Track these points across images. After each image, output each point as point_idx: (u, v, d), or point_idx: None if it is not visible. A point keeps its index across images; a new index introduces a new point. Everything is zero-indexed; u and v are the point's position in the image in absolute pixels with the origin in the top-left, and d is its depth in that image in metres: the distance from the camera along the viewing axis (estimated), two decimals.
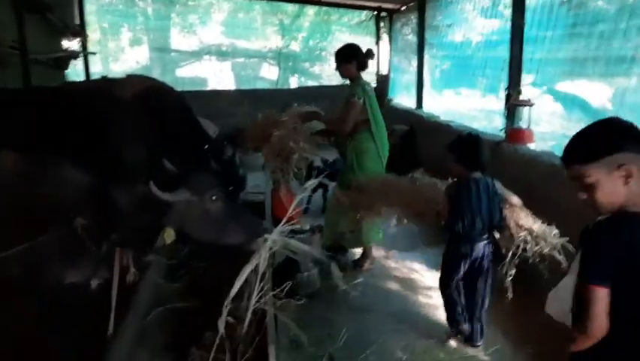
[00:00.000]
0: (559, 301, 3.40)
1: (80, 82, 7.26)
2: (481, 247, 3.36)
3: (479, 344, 3.50)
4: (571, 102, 5.03)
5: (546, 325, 3.24)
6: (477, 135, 3.46)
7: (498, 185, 3.48)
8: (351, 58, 4.55)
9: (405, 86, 9.79)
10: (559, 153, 4.41)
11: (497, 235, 3.45)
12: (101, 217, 2.60)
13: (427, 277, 4.55)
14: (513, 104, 4.98)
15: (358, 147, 4.58)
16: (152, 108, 2.79)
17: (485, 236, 3.36)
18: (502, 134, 5.17)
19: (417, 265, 4.77)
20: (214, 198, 2.67)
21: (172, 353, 3.06)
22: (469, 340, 3.51)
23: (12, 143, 2.64)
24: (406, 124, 8.24)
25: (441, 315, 3.87)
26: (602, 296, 1.73)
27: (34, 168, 2.61)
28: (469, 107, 7.07)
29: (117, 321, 3.09)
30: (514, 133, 4.94)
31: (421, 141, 7.77)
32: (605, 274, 1.73)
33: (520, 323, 3.69)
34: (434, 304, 4.04)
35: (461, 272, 3.41)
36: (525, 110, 4.93)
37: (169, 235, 2.53)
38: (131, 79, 3.28)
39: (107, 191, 2.53)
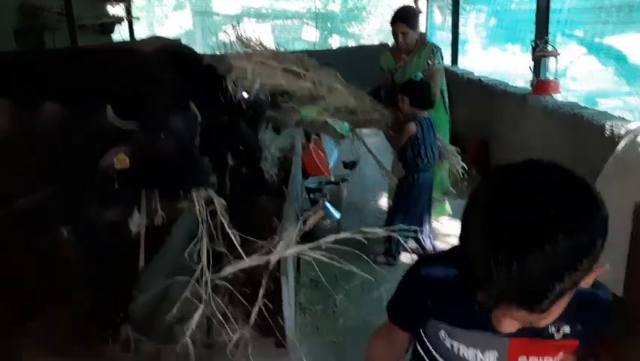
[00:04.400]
0: None
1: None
2: (431, 175, 4.07)
3: None
4: (607, 55, 4.96)
5: None
6: (425, 80, 4.10)
7: None
8: (416, 23, 4.42)
9: (447, 44, 9.68)
10: (587, 103, 4.43)
11: None
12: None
13: (447, 225, 4.70)
14: (539, 56, 4.94)
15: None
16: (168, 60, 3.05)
17: (430, 167, 4.05)
18: (529, 87, 5.16)
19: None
20: (163, 136, 2.76)
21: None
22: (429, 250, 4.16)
23: (51, 95, 2.96)
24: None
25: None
26: None
27: (72, 116, 2.93)
28: (515, 63, 6.94)
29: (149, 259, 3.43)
30: (540, 85, 4.92)
31: (455, 97, 7.76)
32: None
33: None
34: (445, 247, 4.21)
35: (423, 201, 4.02)
36: (551, 60, 4.89)
37: (120, 161, 2.66)
38: (150, 38, 3.57)
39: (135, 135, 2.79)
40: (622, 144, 3.32)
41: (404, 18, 4.34)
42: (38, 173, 2.86)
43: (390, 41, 11.77)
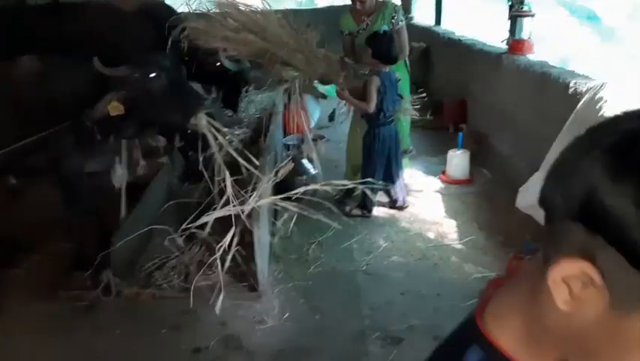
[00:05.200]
0: (527, 196, 3.72)
1: None
2: (394, 127, 4.13)
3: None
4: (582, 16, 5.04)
5: (518, 217, 3.59)
6: (389, 33, 4.08)
7: None
8: None
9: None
10: (559, 63, 4.54)
11: None
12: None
13: (421, 181, 4.88)
14: (514, 15, 5.01)
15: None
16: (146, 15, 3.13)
17: (391, 121, 4.11)
18: (505, 46, 5.25)
19: (412, 171, 5.06)
20: (153, 75, 2.93)
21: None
22: (401, 204, 4.28)
23: (32, 49, 3.04)
24: (425, 42, 8.29)
25: (424, 212, 4.24)
26: None
27: (51, 68, 3.02)
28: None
29: (130, 208, 3.58)
30: (515, 44, 5.01)
31: (435, 57, 7.86)
32: None
33: (495, 217, 4.01)
34: (421, 204, 4.40)
35: (388, 154, 4.08)
36: (526, 20, 4.97)
37: (114, 108, 2.82)
38: None
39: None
40: (582, 102, 3.47)
41: None
42: (22, 124, 2.96)
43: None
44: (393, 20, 4.37)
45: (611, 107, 3.14)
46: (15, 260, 3.42)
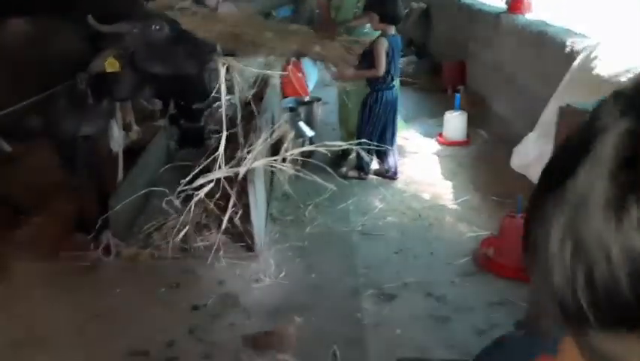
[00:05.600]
0: (522, 155, 3.74)
1: None
2: (395, 92, 4.08)
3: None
4: None
5: (513, 177, 3.62)
6: None
7: None
8: None
9: None
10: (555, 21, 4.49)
11: None
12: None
13: (418, 143, 4.90)
14: None
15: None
16: None
17: (394, 85, 4.08)
18: (505, 5, 5.18)
19: (409, 133, 5.07)
20: (157, 27, 2.88)
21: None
22: (391, 175, 4.23)
23: (21, 11, 3.03)
24: (425, 2, 8.17)
25: (416, 173, 4.28)
26: None
27: (41, 31, 3.01)
28: None
29: (127, 172, 3.62)
30: (514, 3, 4.95)
31: (435, 18, 7.75)
32: None
33: (490, 178, 4.05)
34: (417, 165, 4.43)
35: (386, 118, 4.07)
36: None
37: (111, 64, 2.79)
38: None
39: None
40: (577, 61, 3.45)
41: None
42: (13, 88, 2.96)
43: None
44: None
45: (606, 65, 3.13)
46: (17, 222, 3.48)
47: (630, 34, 3.26)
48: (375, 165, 4.28)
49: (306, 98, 5.11)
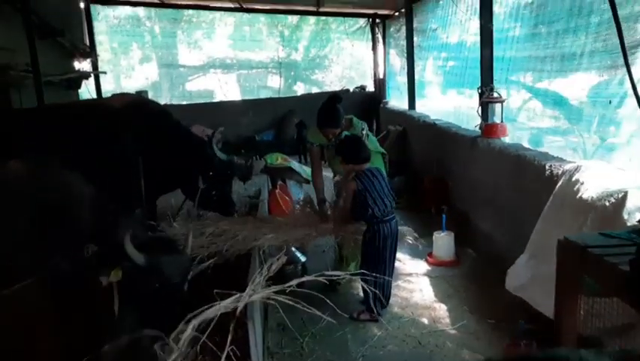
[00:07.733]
0: (516, 278, 3.77)
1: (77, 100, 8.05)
2: (394, 224, 3.97)
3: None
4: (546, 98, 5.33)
5: (505, 299, 3.62)
6: (356, 136, 4.19)
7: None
8: (341, 119, 4.46)
9: (404, 89, 10.09)
10: (531, 145, 4.77)
11: None
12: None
13: (409, 265, 4.92)
14: (486, 102, 5.30)
15: None
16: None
17: (392, 214, 3.98)
18: (479, 130, 5.50)
19: (400, 255, 5.10)
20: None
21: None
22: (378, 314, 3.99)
23: (23, 153, 3.10)
24: (401, 125, 8.64)
25: (415, 296, 4.25)
26: None
27: (40, 173, 3.06)
28: (469, 106, 7.18)
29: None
30: (488, 128, 5.26)
31: (412, 139, 8.15)
32: None
33: (484, 300, 4.04)
34: (411, 288, 4.42)
35: (388, 251, 3.93)
36: (497, 106, 5.26)
37: (115, 275, 2.77)
38: (116, 95, 3.78)
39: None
40: (559, 184, 3.63)
41: (331, 124, 4.42)
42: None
43: (352, 88, 12.18)
44: (362, 132, 4.53)
45: (588, 189, 3.29)
46: None
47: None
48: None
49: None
